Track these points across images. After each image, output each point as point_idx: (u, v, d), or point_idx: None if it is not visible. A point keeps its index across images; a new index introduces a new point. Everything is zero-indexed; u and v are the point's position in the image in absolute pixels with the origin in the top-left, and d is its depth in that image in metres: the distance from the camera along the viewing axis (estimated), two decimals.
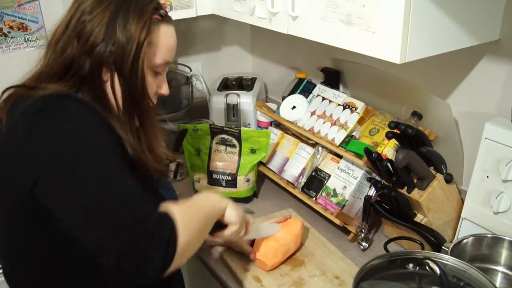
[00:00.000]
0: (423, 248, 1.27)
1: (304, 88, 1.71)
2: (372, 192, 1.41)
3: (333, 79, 1.75)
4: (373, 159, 1.30)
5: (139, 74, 0.96)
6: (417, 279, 1.03)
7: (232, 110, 1.98)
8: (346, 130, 1.48)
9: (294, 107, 1.62)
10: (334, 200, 1.47)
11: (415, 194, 1.28)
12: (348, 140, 1.48)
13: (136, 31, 0.94)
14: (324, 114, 1.56)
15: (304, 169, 1.60)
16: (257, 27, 1.42)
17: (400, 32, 1.00)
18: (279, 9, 1.31)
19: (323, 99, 1.60)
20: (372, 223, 1.44)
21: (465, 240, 1.19)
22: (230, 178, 1.61)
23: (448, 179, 1.29)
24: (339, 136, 1.49)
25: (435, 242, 1.25)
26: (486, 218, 1.21)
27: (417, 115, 1.37)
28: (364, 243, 1.37)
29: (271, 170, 1.69)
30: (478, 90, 1.31)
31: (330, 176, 1.50)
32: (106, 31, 0.93)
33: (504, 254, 1.18)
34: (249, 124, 1.99)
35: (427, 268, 0.99)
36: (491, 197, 1.19)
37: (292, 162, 1.64)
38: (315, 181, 1.53)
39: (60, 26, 0.99)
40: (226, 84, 2.07)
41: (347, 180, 1.46)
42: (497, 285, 1.15)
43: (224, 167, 1.63)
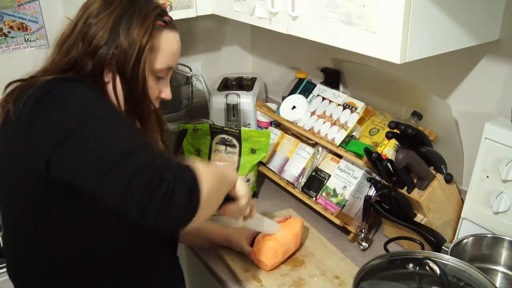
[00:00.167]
0: (423, 248, 1.27)
1: (304, 88, 1.71)
2: (372, 192, 1.41)
3: (333, 79, 1.75)
4: (373, 159, 1.30)
5: (140, 77, 0.98)
6: (417, 279, 1.03)
7: (232, 110, 1.97)
8: (346, 130, 1.48)
9: (294, 107, 1.62)
10: (334, 200, 1.47)
11: (415, 194, 1.28)
12: (348, 140, 1.48)
13: (139, 35, 0.96)
14: (324, 114, 1.56)
15: (304, 169, 1.60)
16: (257, 27, 1.42)
17: (400, 32, 1.00)
18: (279, 9, 1.30)
19: (323, 99, 1.60)
20: (372, 223, 1.44)
21: (465, 240, 1.19)
22: None
23: (448, 179, 1.29)
24: (339, 136, 1.49)
25: (435, 242, 1.25)
26: (486, 218, 1.21)
27: (417, 115, 1.37)
28: (364, 243, 1.37)
29: (271, 170, 1.69)
30: (478, 90, 1.31)
31: (330, 176, 1.50)
32: (109, 35, 0.96)
33: (504, 254, 1.18)
34: (249, 124, 1.98)
35: (427, 268, 0.99)
36: (491, 197, 1.19)
37: (292, 162, 1.64)
38: (315, 181, 1.53)
39: (67, 28, 1.01)
40: (226, 84, 2.07)
41: (347, 180, 1.46)
42: (497, 285, 1.15)
43: None
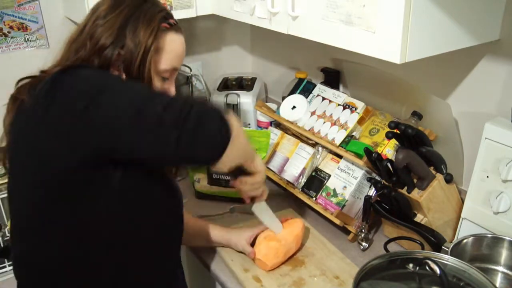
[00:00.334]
0: (423, 248, 1.27)
1: (304, 88, 1.71)
2: (372, 192, 1.41)
3: (333, 79, 1.75)
4: (373, 159, 1.30)
5: (145, 77, 1.02)
6: (417, 279, 1.03)
7: (232, 110, 1.98)
8: (346, 130, 1.48)
9: (294, 107, 1.62)
10: (334, 200, 1.47)
11: (415, 194, 1.28)
12: (348, 140, 1.48)
13: (144, 37, 1.00)
14: (324, 114, 1.56)
15: (304, 169, 1.60)
16: (257, 27, 1.42)
17: (400, 32, 1.00)
18: (279, 9, 1.31)
19: (323, 99, 1.60)
20: (372, 223, 1.44)
21: (465, 240, 1.19)
22: (230, 178, 1.61)
23: (448, 179, 1.29)
24: (339, 136, 1.49)
25: (435, 242, 1.25)
26: (486, 218, 1.21)
27: (417, 115, 1.37)
28: (364, 243, 1.37)
29: (271, 170, 1.69)
30: (478, 90, 1.31)
31: (330, 176, 1.50)
32: (116, 36, 1.00)
33: (504, 254, 1.18)
34: (249, 124, 1.98)
35: (427, 268, 0.99)
36: (491, 197, 1.19)
37: (292, 162, 1.64)
38: (315, 181, 1.53)
39: (77, 28, 1.05)
40: (226, 84, 2.07)
41: (347, 180, 1.46)
42: (497, 285, 1.15)
43: None
